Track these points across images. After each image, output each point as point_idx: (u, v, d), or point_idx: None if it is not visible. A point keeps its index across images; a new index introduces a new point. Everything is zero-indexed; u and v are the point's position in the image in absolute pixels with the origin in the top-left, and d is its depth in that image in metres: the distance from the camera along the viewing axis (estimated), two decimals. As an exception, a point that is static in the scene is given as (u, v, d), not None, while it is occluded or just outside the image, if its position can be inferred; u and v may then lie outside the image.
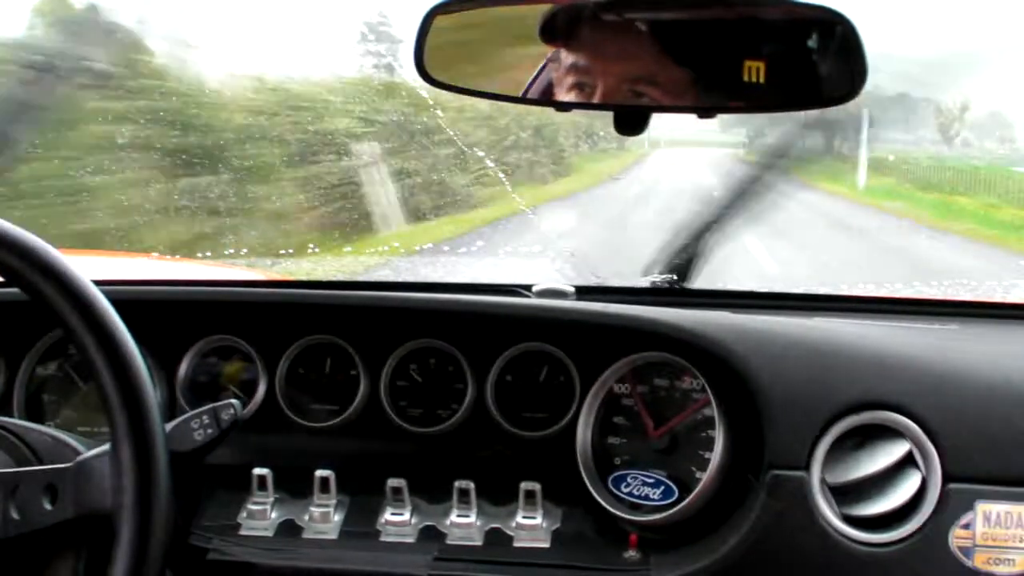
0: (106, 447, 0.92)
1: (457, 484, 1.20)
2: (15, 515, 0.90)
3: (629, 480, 1.19)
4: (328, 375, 1.35)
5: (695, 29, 0.91)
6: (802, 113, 1.63)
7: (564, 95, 0.94)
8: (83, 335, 0.90)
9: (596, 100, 0.92)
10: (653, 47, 0.90)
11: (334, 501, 1.23)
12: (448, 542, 1.18)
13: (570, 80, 0.93)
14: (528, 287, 1.41)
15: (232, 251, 3.58)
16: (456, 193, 4.78)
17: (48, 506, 0.91)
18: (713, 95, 0.92)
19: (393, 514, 1.21)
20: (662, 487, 1.17)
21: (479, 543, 1.18)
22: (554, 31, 0.92)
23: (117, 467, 0.89)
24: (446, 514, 1.21)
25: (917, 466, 1.04)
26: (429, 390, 1.33)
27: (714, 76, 0.91)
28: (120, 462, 0.88)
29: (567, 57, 0.93)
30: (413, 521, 1.21)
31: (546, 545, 1.17)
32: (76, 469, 0.92)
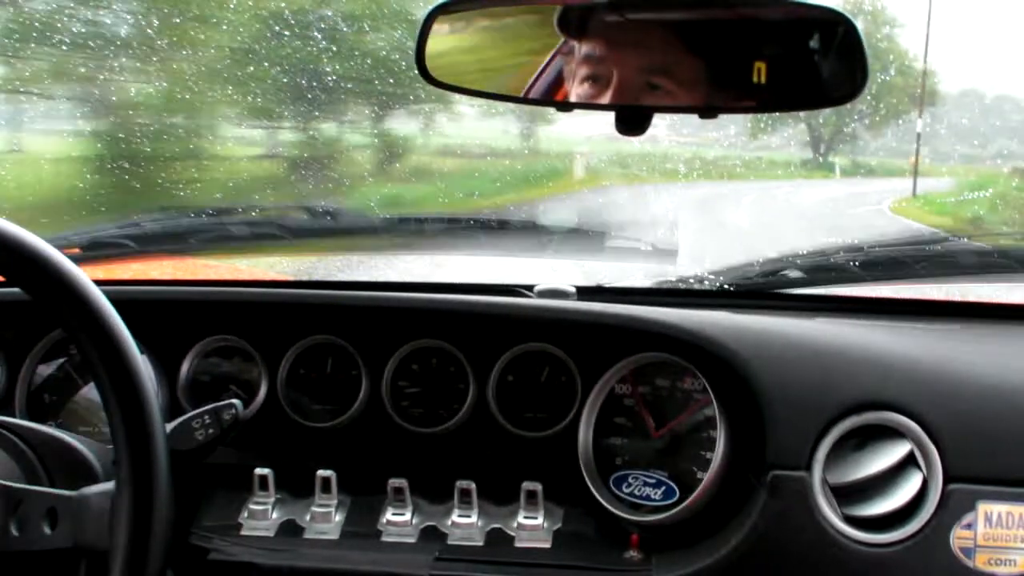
0: (110, 486, 0.92)
1: (458, 484, 1.20)
2: (15, 531, 0.90)
3: (630, 480, 1.19)
4: (329, 375, 1.36)
5: (703, 25, 0.92)
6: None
7: (575, 87, 0.94)
8: (84, 335, 0.90)
9: (611, 91, 0.91)
10: (669, 39, 0.90)
11: (335, 501, 1.23)
12: (449, 542, 1.18)
13: (583, 72, 0.92)
14: (530, 287, 1.41)
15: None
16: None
17: (48, 530, 0.92)
18: (717, 94, 0.92)
19: (394, 514, 1.21)
20: (663, 487, 1.17)
21: (480, 543, 1.18)
22: (571, 23, 0.92)
23: (118, 511, 0.89)
24: (447, 514, 1.21)
25: (918, 466, 1.04)
26: (430, 390, 1.33)
27: (720, 75, 0.91)
28: (120, 505, 0.89)
29: (582, 48, 0.93)
30: (414, 521, 1.21)
31: (547, 545, 1.17)
32: (78, 500, 0.93)
